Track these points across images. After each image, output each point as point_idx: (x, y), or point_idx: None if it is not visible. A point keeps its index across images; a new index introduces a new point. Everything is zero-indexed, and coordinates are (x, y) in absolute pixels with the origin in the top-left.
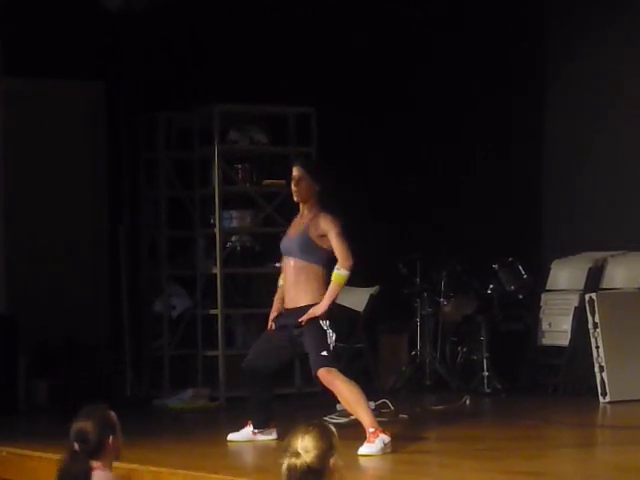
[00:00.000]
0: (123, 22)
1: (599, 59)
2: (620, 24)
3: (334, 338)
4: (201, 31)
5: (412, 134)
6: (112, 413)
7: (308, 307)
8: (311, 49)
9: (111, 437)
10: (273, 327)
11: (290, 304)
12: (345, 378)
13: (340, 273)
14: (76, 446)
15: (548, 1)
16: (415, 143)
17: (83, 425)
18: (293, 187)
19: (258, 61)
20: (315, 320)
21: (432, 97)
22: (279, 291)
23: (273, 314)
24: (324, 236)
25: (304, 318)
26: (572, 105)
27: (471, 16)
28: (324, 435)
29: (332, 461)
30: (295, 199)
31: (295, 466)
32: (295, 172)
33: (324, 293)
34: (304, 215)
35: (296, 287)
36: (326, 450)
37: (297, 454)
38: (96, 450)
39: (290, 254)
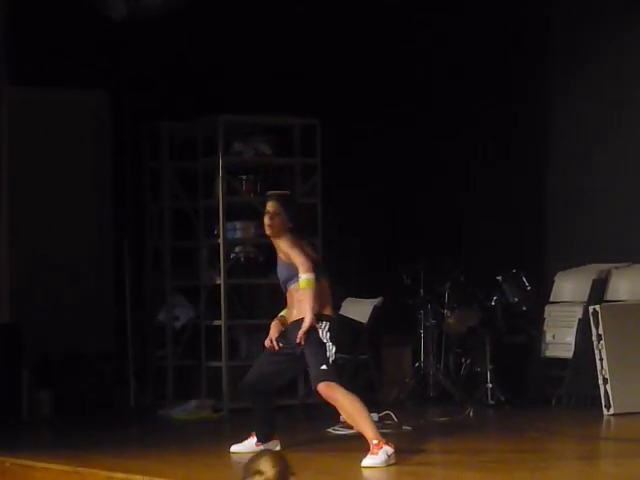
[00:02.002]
0: (127, 32)
1: (604, 69)
2: (626, 31)
3: (334, 351)
4: (206, 41)
5: (415, 147)
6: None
7: (301, 319)
8: (316, 60)
9: None
10: (276, 347)
11: (290, 318)
12: (346, 391)
13: (303, 277)
14: None
15: (555, 4)
16: (418, 155)
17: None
18: (266, 221)
19: (263, 72)
20: (314, 333)
21: (434, 111)
22: (274, 326)
23: (274, 335)
24: (289, 256)
25: (299, 336)
26: (576, 117)
27: (474, 25)
28: (279, 457)
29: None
30: (267, 233)
31: None
32: (270, 207)
33: (321, 303)
34: (276, 247)
35: (297, 305)
36: (284, 468)
37: (260, 472)
38: None
39: (284, 287)
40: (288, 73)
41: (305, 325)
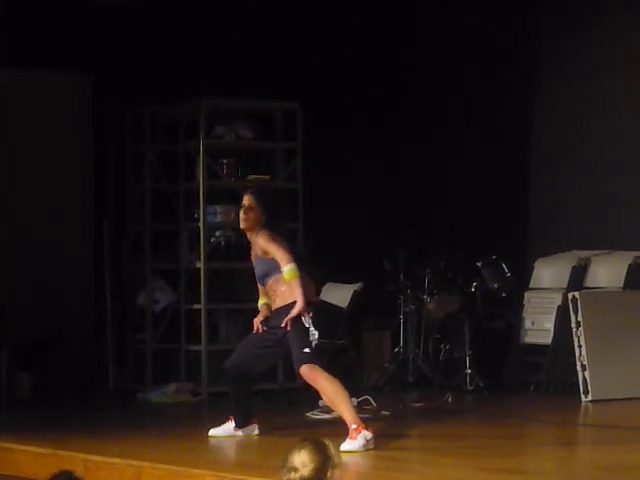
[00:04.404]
0: (111, 15)
1: (588, 59)
2: (609, 25)
3: (317, 335)
4: (189, 25)
5: (398, 131)
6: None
7: (290, 305)
8: (298, 44)
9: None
10: (261, 330)
11: (273, 307)
12: (327, 375)
13: (286, 270)
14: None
15: None
16: (401, 140)
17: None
18: (242, 215)
19: (245, 56)
20: (298, 319)
21: (417, 96)
22: (262, 310)
23: (260, 318)
24: (267, 252)
25: (286, 319)
26: (560, 105)
27: (458, 11)
28: (320, 449)
29: (329, 474)
30: (241, 227)
31: None
32: (246, 201)
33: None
34: (252, 242)
35: (271, 291)
36: (322, 463)
37: (294, 469)
38: None
39: (261, 282)
40: (270, 57)
41: (295, 311)
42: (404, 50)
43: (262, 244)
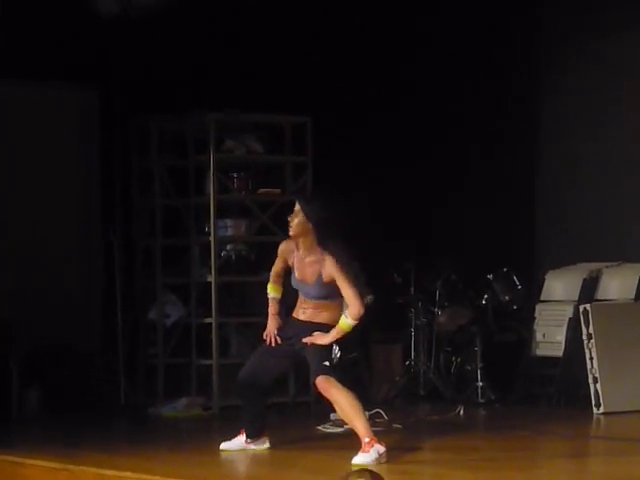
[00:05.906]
0: (118, 28)
1: (595, 71)
2: (615, 28)
3: (339, 355)
4: (197, 39)
5: (407, 145)
6: None
7: (323, 325)
8: (307, 58)
9: None
10: (279, 341)
11: (304, 317)
12: (342, 387)
13: (348, 322)
14: None
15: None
16: (409, 155)
17: None
18: (289, 221)
19: (254, 69)
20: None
21: (425, 110)
22: (273, 305)
23: (273, 329)
24: (333, 280)
25: (309, 340)
26: (566, 116)
27: (465, 22)
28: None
29: None
30: (289, 234)
31: None
32: (295, 207)
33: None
34: (304, 253)
35: (315, 308)
36: None
37: None
38: None
39: (309, 298)
40: (279, 71)
41: (325, 341)
42: (411, 65)
43: (331, 274)
